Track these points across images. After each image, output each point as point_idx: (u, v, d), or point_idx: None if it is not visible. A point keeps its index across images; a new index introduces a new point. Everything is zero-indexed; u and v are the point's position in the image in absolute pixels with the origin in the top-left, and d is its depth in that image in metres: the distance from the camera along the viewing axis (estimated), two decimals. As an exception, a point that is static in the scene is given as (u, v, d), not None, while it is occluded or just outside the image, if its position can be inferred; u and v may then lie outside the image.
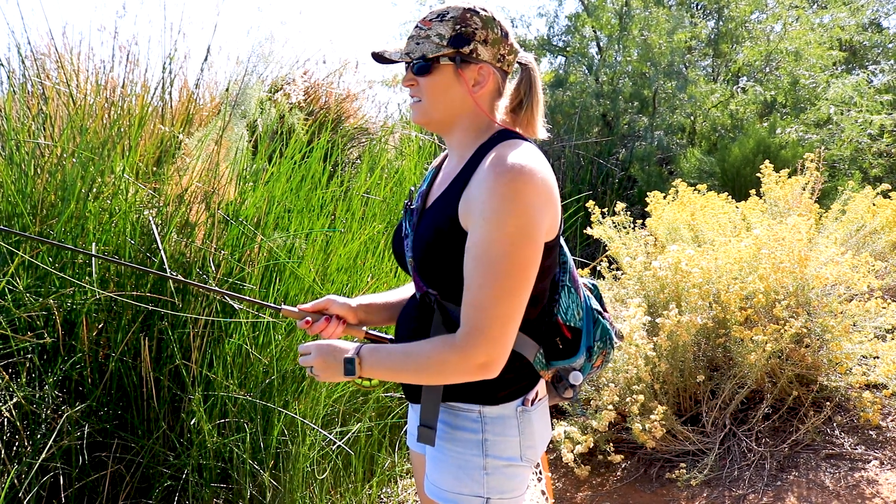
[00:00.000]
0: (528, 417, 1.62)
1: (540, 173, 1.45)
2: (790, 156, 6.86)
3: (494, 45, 1.58)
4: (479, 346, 1.43)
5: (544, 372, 1.63)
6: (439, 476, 1.64)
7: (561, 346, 1.62)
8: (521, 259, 1.42)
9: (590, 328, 1.66)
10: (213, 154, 3.49)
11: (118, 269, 3.00)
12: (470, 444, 1.60)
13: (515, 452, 1.61)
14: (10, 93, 3.61)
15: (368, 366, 1.56)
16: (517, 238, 1.41)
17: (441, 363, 1.46)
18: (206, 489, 2.84)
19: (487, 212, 1.42)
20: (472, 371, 1.45)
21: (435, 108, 1.60)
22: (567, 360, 1.62)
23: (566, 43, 9.89)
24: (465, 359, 1.44)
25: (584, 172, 8.43)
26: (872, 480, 3.14)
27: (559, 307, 1.62)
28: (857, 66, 9.46)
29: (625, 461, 3.55)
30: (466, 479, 1.60)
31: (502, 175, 1.42)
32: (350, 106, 7.19)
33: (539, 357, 1.61)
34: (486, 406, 1.59)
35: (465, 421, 1.61)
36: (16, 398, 2.59)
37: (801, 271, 3.52)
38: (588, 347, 1.65)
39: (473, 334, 1.43)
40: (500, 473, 1.60)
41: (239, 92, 4.16)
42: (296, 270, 3.21)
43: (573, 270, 1.68)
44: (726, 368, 3.60)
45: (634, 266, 3.92)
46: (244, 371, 3.02)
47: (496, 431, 1.60)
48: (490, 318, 1.42)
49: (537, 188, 1.44)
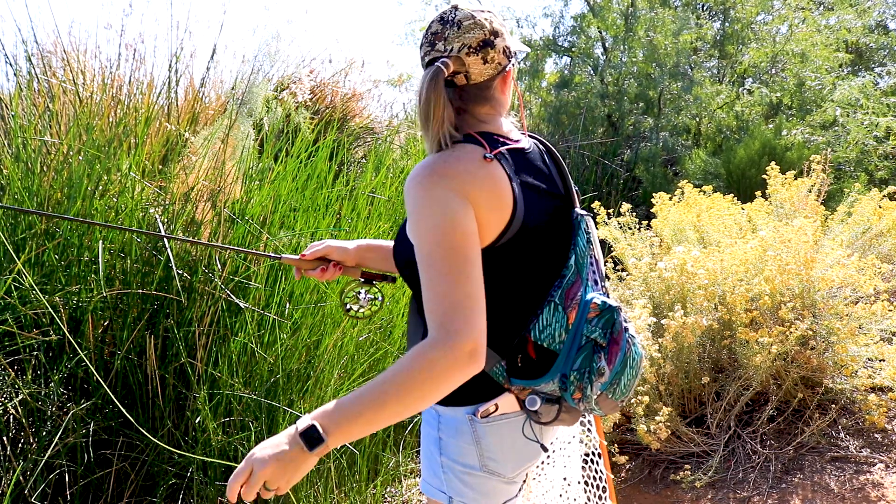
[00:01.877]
0: (485, 429, 1.56)
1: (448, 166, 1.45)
2: (796, 157, 6.85)
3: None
4: (457, 335, 1.32)
5: (511, 387, 1.54)
6: (422, 466, 1.69)
7: (520, 364, 1.52)
8: (449, 243, 1.38)
9: (570, 354, 1.52)
10: (219, 152, 3.49)
11: (124, 266, 3.01)
12: (431, 440, 1.63)
13: (474, 461, 1.57)
14: (17, 90, 3.61)
15: (335, 425, 1.29)
16: (437, 226, 1.39)
17: (429, 366, 1.30)
18: (211, 487, 2.84)
19: (409, 214, 1.45)
20: (463, 361, 1.31)
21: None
22: (530, 382, 1.52)
23: (571, 43, 9.89)
24: (451, 351, 1.31)
25: (588, 173, 8.43)
26: (878, 483, 3.13)
27: (536, 323, 1.52)
28: (864, 68, 9.43)
29: (629, 462, 3.54)
30: (432, 472, 1.64)
31: (412, 178, 1.45)
32: (356, 105, 7.19)
33: (499, 370, 1.53)
34: (440, 405, 1.59)
35: (429, 416, 1.65)
36: (21, 395, 2.59)
37: (806, 273, 3.51)
38: (563, 374, 1.51)
39: (445, 324, 1.34)
40: (455, 476, 1.58)
41: (245, 90, 4.16)
42: (301, 269, 3.20)
43: (572, 288, 1.55)
44: (731, 370, 3.60)
45: (640, 267, 3.92)
46: (249, 370, 3.02)
47: (449, 433, 1.58)
48: (449, 310, 1.35)
49: (442, 178, 1.43)
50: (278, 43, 4.51)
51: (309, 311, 3.19)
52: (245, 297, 3.07)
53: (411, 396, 1.30)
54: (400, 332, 3.47)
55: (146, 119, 3.34)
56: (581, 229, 1.59)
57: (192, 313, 2.97)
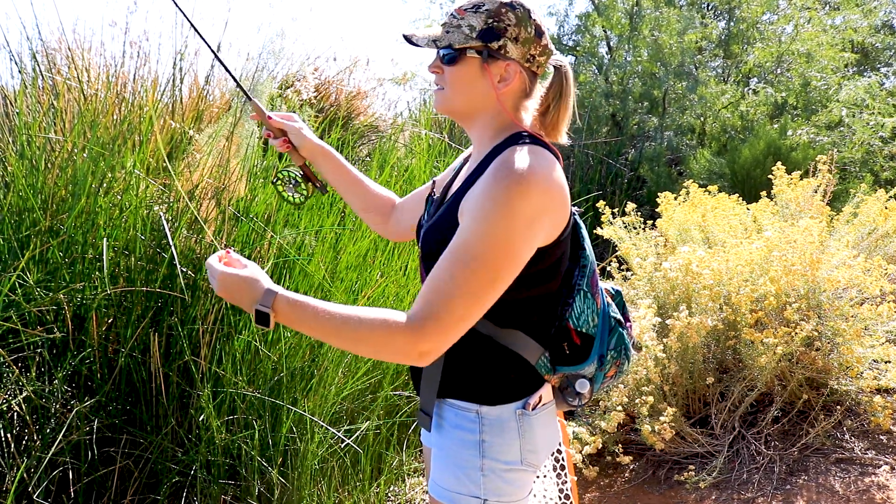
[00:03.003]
0: (530, 422, 1.59)
1: (541, 181, 1.42)
2: (801, 158, 6.83)
3: (525, 45, 1.54)
4: (431, 333, 1.38)
5: (550, 376, 1.60)
6: (440, 474, 1.62)
7: (568, 351, 1.59)
8: (497, 264, 1.39)
9: (604, 336, 1.63)
10: (223, 150, 3.49)
11: (128, 264, 3.00)
12: (468, 444, 1.58)
13: (516, 456, 1.58)
14: (22, 87, 3.61)
15: (287, 321, 1.44)
16: (499, 243, 1.39)
17: (385, 341, 1.39)
18: (215, 485, 2.83)
19: (476, 210, 1.41)
20: (412, 356, 1.40)
21: (456, 99, 1.59)
22: (575, 367, 1.59)
23: (576, 42, 9.87)
24: (412, 343, 1.38)
25: (593, 172, 8.42)
26: (883, 485, 3.12)
27: (572, 311, 1.58)
28: (870, 68, 9.42)
29: (633, 462, 3.53)
30: (464, 479, 1.58)
31: (501, 179, 1.40)
32: (360, 103, 7.19)
33: (543, 360, 1.58)
34: (484, 406, 1.57)
35: (464, 420, 1.58)
36: (25, 392, 2.59)
37: (812, 274, 3.50)
38: (600, 356, 1.61)
39: (429, 321, 1.38)
40: (497, 476, 1.57)
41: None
42: (305, 268, 3.20)
43: (594, 275, 1.64)
44: (736, 371, 3.59)
45: (644, 267, 3.91)
46: (253, 368, 3.02)
47: (494, 433, 1.57)
48: (449, 311, 1.38)
49: (532, 197, 1.40)
50: (283, 41, 4.51)
51: (313, 310, 3.18)
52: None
53: (355, 347, 1.42)
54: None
55: (151, 116, 3.34)
56: (580, 222, 1.66)
57: (196, 311, 2.97)
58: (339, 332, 1.41)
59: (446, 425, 1.61)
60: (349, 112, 6.84)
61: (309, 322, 1.42)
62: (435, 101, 1.64)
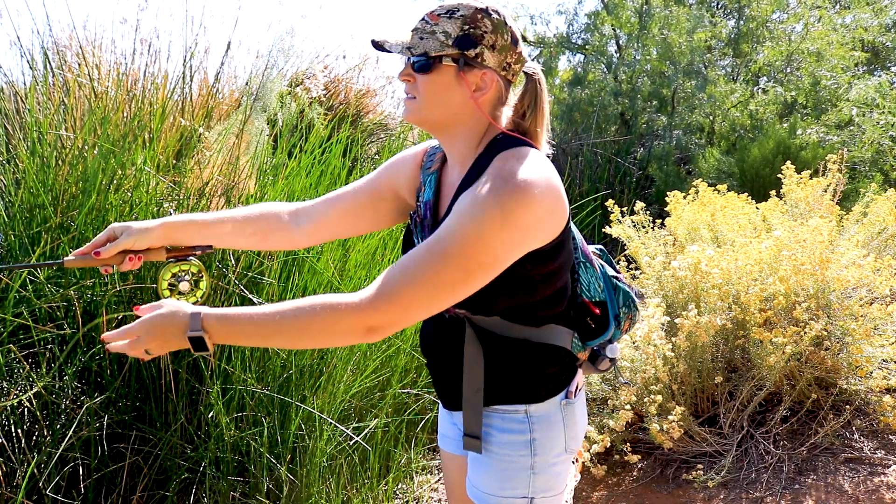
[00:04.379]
0: (572, 409, 1.61)
1: (539, 188, 1.37)
2: (810, 157, 6.81)
3: (502, 52, 1.48)
4: (383, 309, 1.32)
5: (581, 353, 1.62)
6: (482, 479, 1.61)
7: (593, 325, 1.62)
8: (470, 264, 1.34)
9: (612, 297, 1.66)
10: (233, 148, 3.50)
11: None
12: (517, 446, 1.57)
13: (561, 447, 1.60)
14: (33, 84, 3.63)
15: (222, 336, 1.37)
16: (484, 247, 1.34)
17: (331, 322, 1.32)
18: (223, 482, 2.85)
19: (467, 208, 1.36)
20: (359, 332, 1.33)
21: (429, 108, 1.51)
22: (601, 338, 1.62)
23: (585, 41, 9.85)
24: (361, 317, 1.32)
25: (601, 171, 8.41)
26: (892, 485, 3.11)
27: (581, 286, 1.61)
28: (880, 68, 9.38)
29: (641, 461, 3.53)
30: (512, 481, 1.57)
31: (500, 189, 1.35)
32: (369, 101, 7.20)
33: (575, 341, 1.59)
34: (532, 405, 1.56)
35: (511, 423, 1.57)
36: (36, 388, 2.60)
37: (821, 273, 3.49)
38: (615, 316, 1.65)
39: (384, 296, 1.33)
40: (546, 472, 1.58)
41: (259, 86, 4.17)
42: (315, 265, 3.21)
43: (583, 245, 1.66)
44: (745, 370, 3.58)
45: (653, 266, 3.90)
46: (262, 365, 3.02)
47: (543, 429, 1.57)
48: (409, 294, 1.33)
49: (533, 206, 1.36)
50: (292, 38, 4.52)
51: (322, 307, 3.19)
52: (258, 292, 3.08)
53: (300, 339, 1.38)
54: (413, 328, 3.47)
55: (161, 114, 3.35)
56: None
57: (205, 308, 2.97)
58: (281, 328, 1.35)
59: (493, 431, 1.59)
60: (358, 110, 6.85)
61: (246, 330, 1.37)
62: (406, 111, 1.56)
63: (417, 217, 1.65)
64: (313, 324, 1.33)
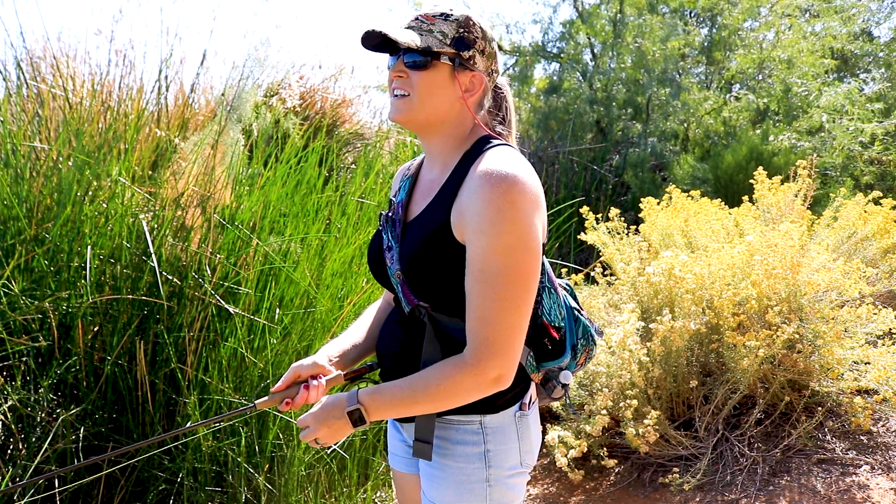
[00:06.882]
0: (526, 422, 1.62)
1: (529, 181, 1.44)
2: (783, 163, 6.90)
3: (489, 59, 1.57)
4: (491, 359, 1.41)
5: (535, 374, 1.62)
6: (438, 493, 1.61)
7: (549, 346, 1.61)
8: (522, 269, 1.41)
9: (572, 326, 1.66)
10: (208, 158, 3.50)
11: (114, 272, 3.01)
12: (472, 458, 1.58)
13: (516, 460, 1.60)
14: (6, 95, 3.61)
15: (375, 410, 1.51)
16: (516, 249, 1.40)
17: (454, 385, 1.44)
18: (201, 493, 2.84)
19: (485, 224, 1.40)
20: (486, 386, 1.44)
21: (422, 106, 1.53)
22: (555, 361, 1.61)
23: (560, 49, 9.93)
24: (478, 375, 1.42)
25: (577, 178, 8.47)
26: (863, 485, 3.16)
27: (542, 308, 1.61)
28: (849, 75, 9.51)
29: (618, 466, 3.56)
30: (468, 494, 1.58)
31: (497, 186, 1.39)
32: (345, 111, 7.20)
33: (530, 360, 1.59)
34: (487, 415, 1.57)
35: (465, 434, 1.58)
36: (11, 401, 2.59)
37: (793, 277, 3.54)
38: (572, 346, 1.65)
39: (483, 349, 1.41)
40: (501, 484, 1.58)
41: (235, 96, 4.17)
42: (291, 274, 3.22)
43: (550, 271, 1.67)
44: (719, 374, 3.62)
45: (628, 272, 3.94)
46: (239, 375, 3.02)
47: (498, 441, 1.58)
48: (498, 332, 1.41)
49: (529, 196, 1.42)
50: (268, 49, 4.52)
51: (299, 317, 3.20)
52: (235, 302, 3.08)
53: (437, 405, 1.48)
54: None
55: (136, 125, 3.35)
56: None
57: (182, 319, 2.97)
58: (416, 401, 1.48)
59: (448, 444, 1.60)
60: (334, 120, 6.85)
61: (389, 404, 1.51)
62: (395, 109, 1.56)
63: (389, 214, 1.68)
64: (441, 393, 1.46)
